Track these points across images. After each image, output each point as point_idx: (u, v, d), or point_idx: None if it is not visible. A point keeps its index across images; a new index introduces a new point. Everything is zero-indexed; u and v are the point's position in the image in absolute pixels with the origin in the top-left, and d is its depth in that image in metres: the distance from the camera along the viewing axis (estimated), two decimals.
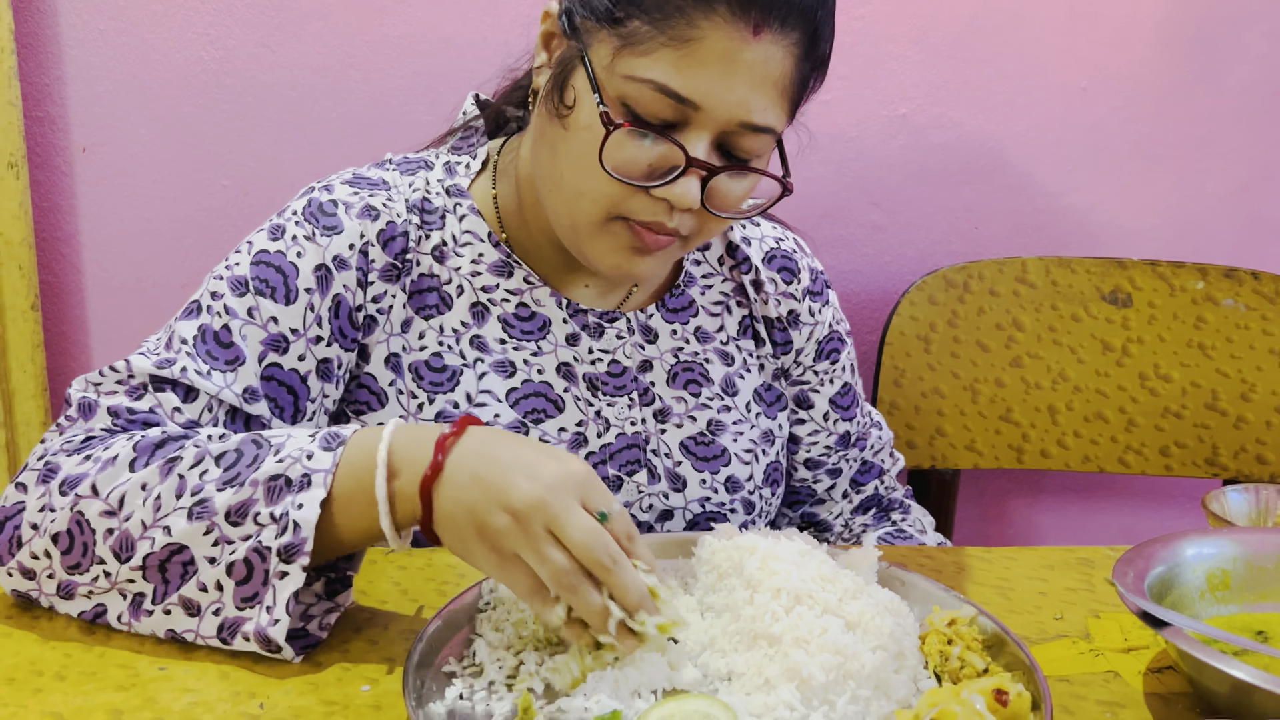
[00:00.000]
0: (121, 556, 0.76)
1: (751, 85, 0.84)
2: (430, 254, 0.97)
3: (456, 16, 1.38)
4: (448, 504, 0.72)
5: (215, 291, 0.89)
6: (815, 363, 1.10)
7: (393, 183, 0.97)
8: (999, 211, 1.53)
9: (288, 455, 0.76)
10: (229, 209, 1.40)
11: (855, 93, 1.46)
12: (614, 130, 0.85)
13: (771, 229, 1.11)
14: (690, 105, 0.84)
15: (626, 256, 0.91)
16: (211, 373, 0.86)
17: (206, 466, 0.76)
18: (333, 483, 0.74)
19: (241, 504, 0.74)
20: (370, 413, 0.95)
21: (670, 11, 0.83)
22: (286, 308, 0.89)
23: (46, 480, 0.79)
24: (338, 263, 0.91)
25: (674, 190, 0.86)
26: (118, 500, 0.76)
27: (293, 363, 0.89)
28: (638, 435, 1.01)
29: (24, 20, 1.32)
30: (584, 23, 0.88)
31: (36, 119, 1.35)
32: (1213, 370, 1.49)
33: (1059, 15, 1.47)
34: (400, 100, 1.39)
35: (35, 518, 0.78)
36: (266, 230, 0.92)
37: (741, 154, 0.89)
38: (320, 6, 1.36)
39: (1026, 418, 1.50)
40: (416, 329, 0.96)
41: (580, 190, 0.88)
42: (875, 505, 1.19)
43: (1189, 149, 1.54)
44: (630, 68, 0.84)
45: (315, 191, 0.94)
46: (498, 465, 0.71)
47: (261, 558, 0.74)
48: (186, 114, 1.37)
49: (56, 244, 1.39)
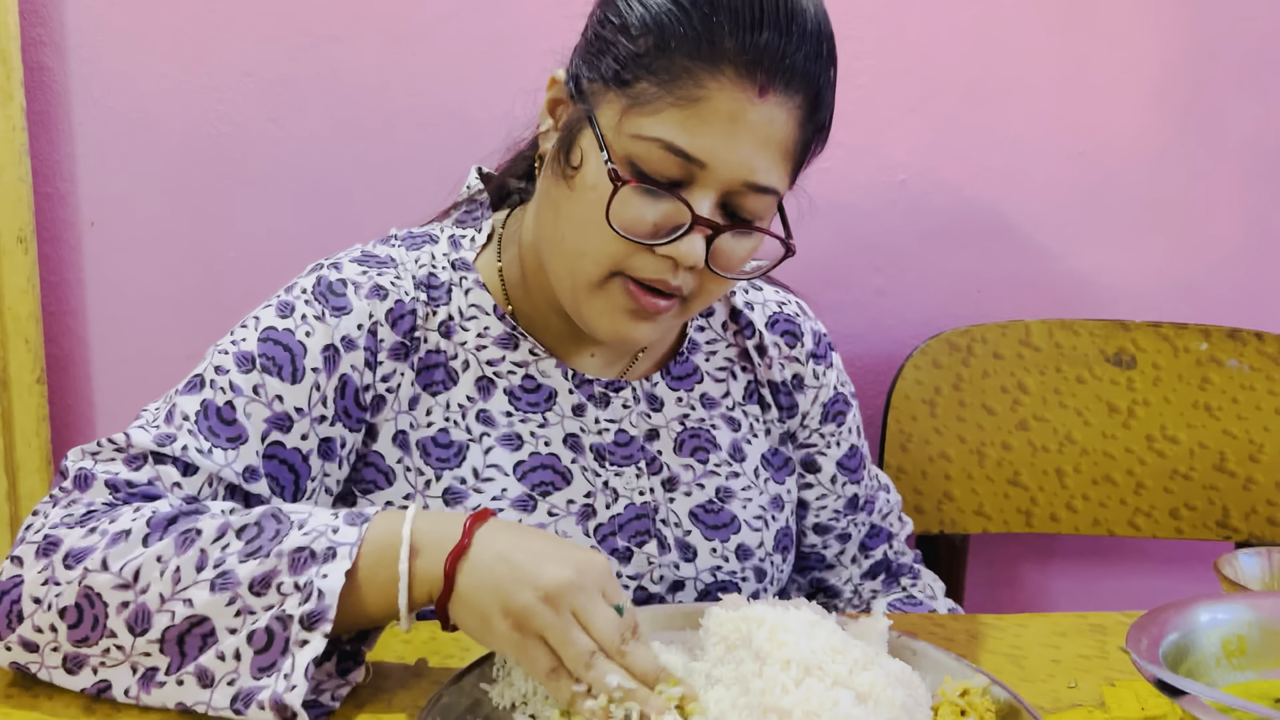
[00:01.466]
0: (136, 630, 0.75)
1: (756, 145, 0.86)
2: (437, 330, 0.97)
3: (461, 90, 1.40)
4: (471, 582, 0.74)
5: (220, 366, 0.89)
6: (821, 425, 1.10)
7: (400, 259, 0.97)
8: (1000, 274, 1.54)
9: (313, 529, 0.76)
10: (235, 281, 1.41)
11: (854, 159, 1.48)
12: (621, 186, 0.86)
13: (774, 293, 1.11)
14: (696, 163, 0.86)
15: (624, 320, 0.91)
16: (213, 450, 0.86)
17: (228, 540, 0.77)
18: (358, 556, 0.75)
19: (265, 575, 0.75)
20: (378, 491, 0.94)
21: (678, 73, 0.85)
22: (293, 386, 0.89)
23: (48, 554, 0.78)
24: (346, 343, 0.92)
25: (679, 248, 0.87)
26: (132, 574, 0.76)
27: (295, 441, 0.89)
28: (646, 505, 1.00)
29: (36, 98, 1.34)
30: (591, 86, 0.90)
31: (46, 194, 1.37)
32: (1220, 431, 1.48)
33: (1054, 82, 1.49)
34: (406, 173, 1.41)
35: (37, 591, 0.77)
36: (274, 307, 0.92)
37: (745, 214, 0.90)
38: (327, 82, 1.38)
39: (1035, 481, 1.49)
40: (424, 405, 0.96)
41: (582, 249, 0.89)
42: (885, 570, 1.18)
43: (1188, 210, 1.55)
44: (638, 127, 0.86)
45: (324, 269, 0.95)
46: (526, 551, 0.75)
47: (283, 625, 0.73)
48: (194, 188, 1.39)
49: (63, 317, 1.40)
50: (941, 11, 1.46)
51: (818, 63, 0.88)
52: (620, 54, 0.88)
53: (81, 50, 1.34)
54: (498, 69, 1.40)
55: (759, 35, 0.85)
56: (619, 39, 0.88)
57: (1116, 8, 1.48)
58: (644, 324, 0.92)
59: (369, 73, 1.38)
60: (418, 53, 1.38)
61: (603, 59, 0.89)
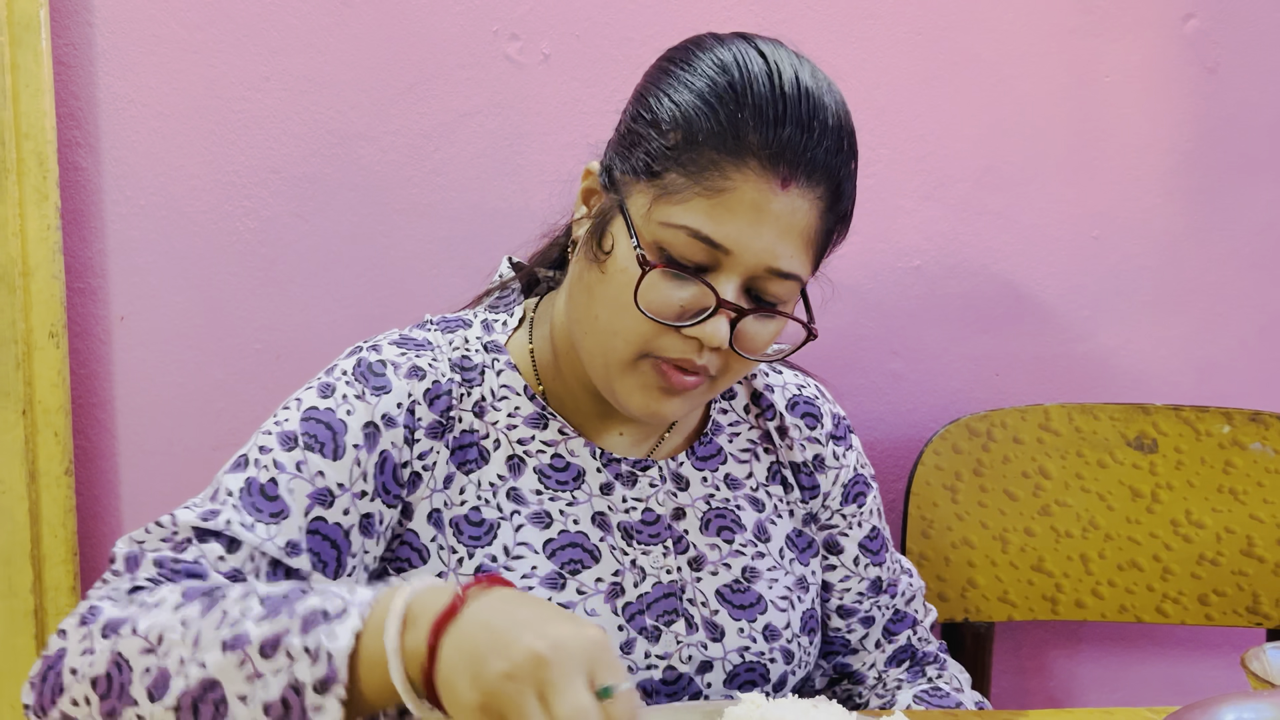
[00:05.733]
0: (155, 695, 0.74)
1: (779, 234, 0.90)
2: (471, 410, 0.99)
3: (483, 184, 1.43)
4: (452, 651, 0.68)
5: (264, 446, 0.91)
6: (842, 506, 1.11)
7: (436, 342, 1.00)
8: (1019, 358, 1.55)
9: (331, 592, 0.75)
10: (260, 373, 1.43)
11: (869, 246, 1.50)
12: (649, 270, 0.89)
13: (793, 376, 1.14)
14: (721, 250, 0.89)
15: (655, 396, 0.94)
16: (255, 525, 0.87)
17: (250, 604, 0.75)
18: (369, 615, 0.72)
19: (275, 636, 0.72)
20: (411, 570, 0.95)
21: (705, 165, 0.89)
22: (334, 463, 0.91)
23: (87, 623, 0.79)
24: (386, 421, 0.94)
25: (705, 329, 0.90)
26: (157, 637, 0.75)
27: (337, 517, 0.90)
28: (674, 584, 1.00)
29: (70, 197, 1.38)
30: (623, 177, 0.94)
31: (78, 290, 1.40)
32: (1246, 516, 1.47)
33: (1067, 169, 1.52)
34: (429, 265, 1.44)
35: (76, 662, 0.78)
36: (316, 388, 0.95)
37: (769, 299, 0.93)
38: (352, 178, 1.41)
39: (1059, 567, 1.48)
40: (458, 484, 0.97)
41: (614, 329, 0.92)
42: (909, 658, 1.17)
43: (1205, 294, 1.56)
44: (666, 215, 0.90)
45: (364, 352, 0.97)
46: (511, 619, 0.68)
47: (297, 693, 0.71)
48: (221, 282, 1.41)
49: (92, 409, 1.42)
50: (953, 100, 1.49)
51: (838, 156, 0.92)
52: (651, 147, 0.92)
53: (115, 151, 1.38)
54: (516, 164, 1.43)
55: (782, 130, 0.89)
56: (650, 133, 0.92)
57: (1128, 96, 1.51)
58: (674, 400, 0.94)
59: (392, 169, 1.42)
60: (440, 149, 1.42)
61: (635, 151, 0.93)
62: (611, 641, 0.74)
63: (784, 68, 0.91)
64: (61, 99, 1.36)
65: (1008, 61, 1.49)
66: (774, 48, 0.93)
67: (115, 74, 1.37)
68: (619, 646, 0.97)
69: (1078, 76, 1.50)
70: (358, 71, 1.40)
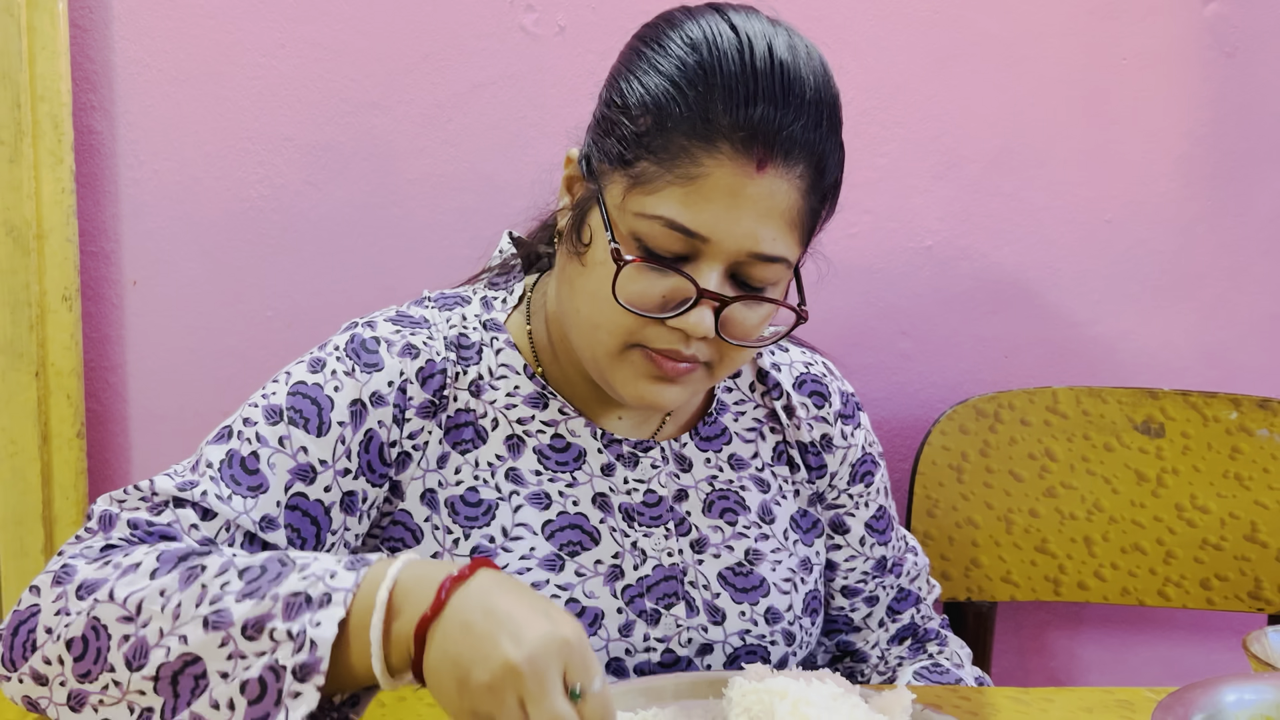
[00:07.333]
0: (134, 665, 0.74)
1: (758, 218, 0.87)
2: (467, 389, 0.99)
3: (495, 156, 1.43)
4: (437, 652, 0.70)
5: (248, 418, 0.91)
6: (850, 486, 1.11)
7: (433, 320, 0.99)
8: (1028, 340, 1.55)
9: (312, 574, 0.74)
10: (271, 340, 1.44)
11: (880, 225, 1.49)
12: (625, 265, 0.88)
13: (800, 354, 1.12)
14: (699, 238, 0.87)
15: (648, 385, 0.92)
16: (233, 497, 0.87)
17: (229, 578, 0.76)
18: (352, 603, 0.73)
19: (259, 619, 0.73)
20: (405, 549, 0.95)
21: (676, 152, 0.87)
22: (318, 439, 0.91)
23: (61, 582, 0.79)
24: (375, 399, 0.93)
25: (688, 320, 0.88)
26: (135, 606, 0.76)
27: (318, 493, 0.91)
28: (675, 567, 1.01)
29: (84, 161, 1.38)
30: (600, 166, 0.92)
31: (91, 253, 1.40)
32: (1251, 501, 1.47)
33: (1080, 152, 1.51)
34: (439, 236, 1.44)
35: (50, 621, 0.78)
36: (306, 363, 0.95)
37: (755, 283, 0.91)
38: (365, 147, 1.41)
39: (1063, 549, 1.48)
40: (452, 464, 0.97)
41: (596, 323, 0.91)
42: (911, 635, 1.18)
43: (1216, 279, 1.55)
44: (640, 205, 0.88)
45: (359, 328, 0.97)
46: (490, 620, 0.69)
47: (276, 676, 0.72)
48: (233, 248, 1.42)
49: (104, 373, 1.43)
50: (969, 81, 1.48)
51: (818, 131, 0.88)
52: (623, 134, 0.89)
53: (129, 115, 1.38)
54: (529, 136, 1.43)
55: (753, 110, 0.86)
56: (621, 119, 0.90)
57: (1142, 79, 1.50)
58: (669, 387, 0.93)
59: (405, 139, 1.42)
60: (454, 120, 1.42)
61: (608, 139, 0.91)
62: (586, 634, 0.73)
63: (756, 41, 0.87)
64: (77, 62, 1.36)
65: (1024, 42, 1.48)
66: (746, 18, 0.89)
67: (130, 38, 1.37)
68: (617, 629, 0.97)
69: (1094, 59, 1.49)
70: (372, 40, 1.40)
